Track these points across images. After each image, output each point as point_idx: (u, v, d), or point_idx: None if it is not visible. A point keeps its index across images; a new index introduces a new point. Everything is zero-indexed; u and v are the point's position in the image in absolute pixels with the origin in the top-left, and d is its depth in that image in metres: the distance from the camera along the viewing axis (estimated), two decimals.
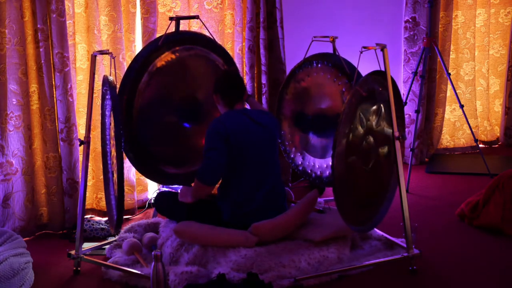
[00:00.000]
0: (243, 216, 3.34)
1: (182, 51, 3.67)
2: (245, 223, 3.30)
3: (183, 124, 3.77)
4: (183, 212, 3.43)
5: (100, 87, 3.97)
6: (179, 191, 3.51)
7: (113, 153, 3.32)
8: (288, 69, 4.43)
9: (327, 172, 3.81)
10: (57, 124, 3.85)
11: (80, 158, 3.91)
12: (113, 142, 3.30)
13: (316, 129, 3.90)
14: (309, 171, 3.94)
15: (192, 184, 3.44)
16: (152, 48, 3.59)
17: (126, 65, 4.01)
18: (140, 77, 3.56)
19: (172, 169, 3.77)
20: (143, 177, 4.30)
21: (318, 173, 3.89)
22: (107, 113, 3.36)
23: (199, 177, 3.31)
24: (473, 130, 5.17)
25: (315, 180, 3.91)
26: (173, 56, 3.64)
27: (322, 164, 3.86)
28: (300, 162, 3.99)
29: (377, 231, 3.60)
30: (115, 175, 3.21)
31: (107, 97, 3.29)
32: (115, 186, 3.21)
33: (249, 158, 3.36)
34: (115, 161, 3.24)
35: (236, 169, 3.35)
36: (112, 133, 3.29)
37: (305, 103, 3.93)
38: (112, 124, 3.26)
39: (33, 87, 3.79)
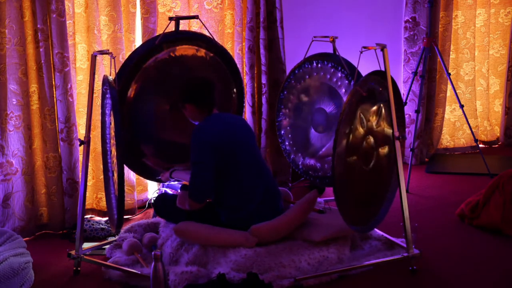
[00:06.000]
0: (241, 220, 3.34)
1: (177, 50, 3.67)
2: (243, 225, 3.30)
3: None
4: (182, 215, 3.41)
5: (100, 87, 3.98)
6: (178, 192, 3.51)
7: (113, 152, 3.32)
8: (288, 69, 4.43)
9: (328, 173, 3.81)
10: (57, 124, 3.85)
11: (80, 158, 3.91)
12: (113, 141, 3.30)
13: (317, 128, 3.89)
14: (310, 172, 3.93)
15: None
16: (149, 47, 3.58)
17: None
18: (134, 74, 3.56)
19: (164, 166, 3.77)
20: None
21: (319, 173, 3.88)
22: (107, 112, 3.36)
23: (191, 196, 3.29)
24: (473, 130, 5.18)
25: (315, 180, 3.91)
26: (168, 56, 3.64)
27: (322, 164, 3.86)
28: (300, 162, 3.99)
29: (377, 231, 3.60)
30: (115, 175, 3.21)
31: (107, 96, 3.29)
32: (115, 186, 3.21)
33: (240, 161, 3.34)
34: (115, 160, 3.24)
35: (229, 174, 3.33)
36: (112, 132, 3.29)
37: (305, 102, 3.93)
38: (113, 123, 3.26)
39: (33, 87, 3.79)
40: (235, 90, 3.88)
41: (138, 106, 3.60)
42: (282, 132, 4.05)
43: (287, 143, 4.05)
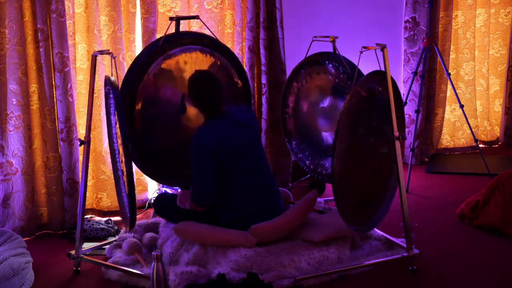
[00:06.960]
0: (240, 220, 3.33)
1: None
2: (243, 225, 3.30)
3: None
4: (182, 215, 3.41)
5: (100, 87, 3.98)
6: (178, 192, 3.51)
7: (121, 151, 3.32)
8: (288, 69, 4.43)
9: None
10: (57, 124, 3.85)
11: (80, 158, 3.91)
12: (120, 140, 3.30)
13: (322, 127, 3.90)
14: (318, 169, 3.93)
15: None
16: (153, 48, 3.58)
17: (126, 65, 4.01)
18: (141, 77, 3.55)
19: (173, 169, 3.76)
20: (143, 177, 4.30)
21: (328, 171, 3.88)
22: (111, 111, 3.35)
23: (193, 200, 3.30)
24: (473, 130, 5.17)
25: (324, 178, 3.91)
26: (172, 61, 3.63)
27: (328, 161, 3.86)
28: (307, 161, 3.98)
29: (377, 231, 3.60)
30: (125, 174, 3.20)
31: (110, 96, 3.29)
32: (125, 184, 3.21)
33: (240, 164, 3.33)
34: (123, 159, 3.23)
35: (229, 176, 3.32)
36: (119, 132, 3.29)
37: (308, 102, 3.93)
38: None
39: (33, 87, 3.79)
40: (241, 87, 3.86)
41: (147, 110, 3.61)
42: (288, 131, 4.05)
43: (293, 142, 4.05)
